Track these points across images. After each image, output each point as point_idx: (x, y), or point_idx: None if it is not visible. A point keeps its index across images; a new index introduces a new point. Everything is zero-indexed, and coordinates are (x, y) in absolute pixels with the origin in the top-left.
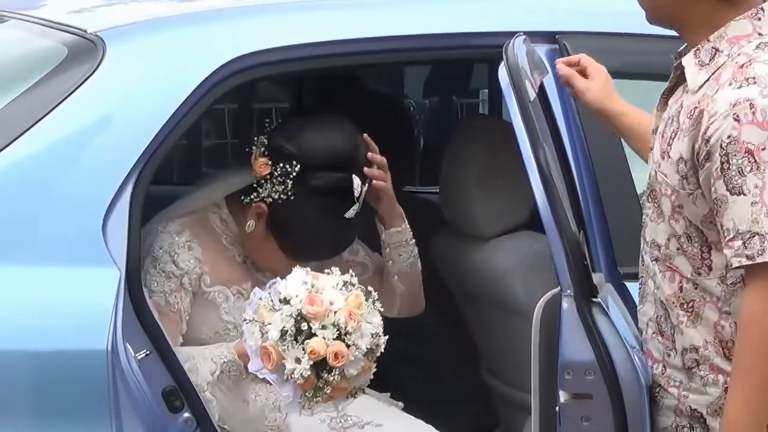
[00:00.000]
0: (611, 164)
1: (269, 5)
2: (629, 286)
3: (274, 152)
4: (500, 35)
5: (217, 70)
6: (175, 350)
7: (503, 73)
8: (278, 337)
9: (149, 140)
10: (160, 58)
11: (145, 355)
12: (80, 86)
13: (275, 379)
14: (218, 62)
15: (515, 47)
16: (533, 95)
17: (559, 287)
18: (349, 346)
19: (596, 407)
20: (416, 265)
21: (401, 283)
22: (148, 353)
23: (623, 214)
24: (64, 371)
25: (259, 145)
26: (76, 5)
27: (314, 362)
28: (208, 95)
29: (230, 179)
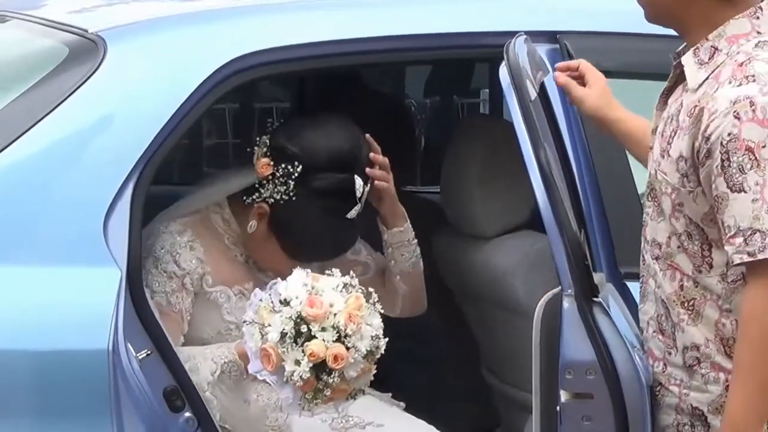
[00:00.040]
0: (612, 164)
1: (270, 5)
2: (630, 285)
3: (276, 152)
4: (501, 35)
5: (218, 69)
6: (176, 350)
7: (504, 72)
8: (278, 338)
9: (150, 140)
10: (161, 57)
11: (146, 354)
12: (81, 86)
13: (275, 380)
14: (219, 62)
15: (516, 47)
16: (534, 95)
17: (559, 287)
18: (348, 348)
19: (597, 407)
20: (418, 265)
21: (403, 283)
22: (149, 353)
23: (624, 213)
24: (65, 371)
25: (261, 145)
26: (77, 5)
27: (314, 364)
28: (209, 95)
29: (232, 179)
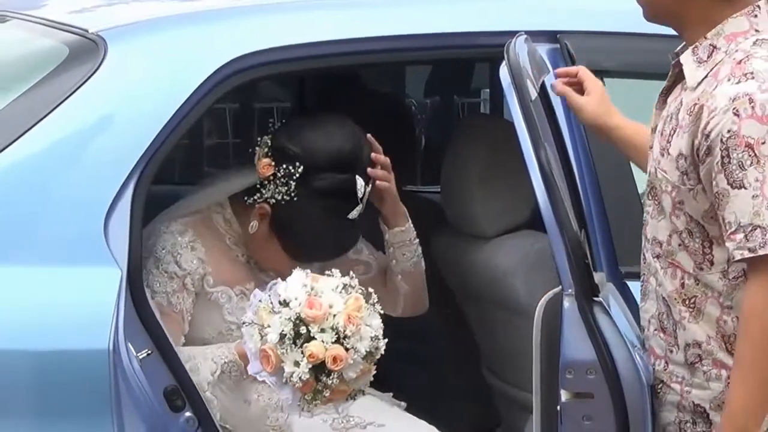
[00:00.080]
0: (612, 163)
1: (270, 5)
2: (630, 285)
3: (277, 153)
4: (501, 35)
5: (218, 69)
6: (176, 350)
7: (504, 72)
8: (277, 340)
9: (150, 140)
10: (161, 57)
11: (146, 354)
12: (82, 86)
13: (274, 381)
14: (219, 62)
15: (516, 46)
16: (534, 94)
17: (560, 286)
18: (347, 349)
19: (597, 406)
20: (420, 264)
21: (405, 282)
22: (149, 353)
23: (624, 213)
24: (65, 371)
25: (262, 145)
26: (77, 5)
27: (313, 365)
28: (209, 95)
29: (233, 179)
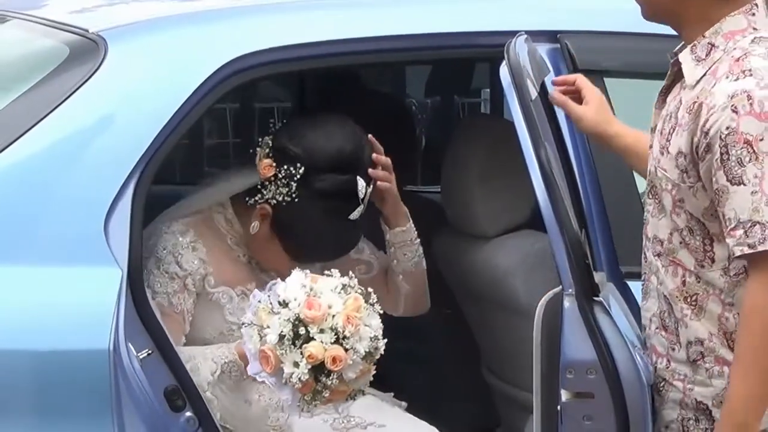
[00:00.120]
0: (612, 163)
1: (270, 5)
2: (631, 284)
3: (278, 154)
4: (501, 35)
5: (218, 69)
6: (176, 350)
7: (505, 72)
8: (276, 340)
9: (151, 140)
10: (161, 57)
11: (146, 354)
12: (82, 86)
13: (274, 382)
14: (220, 62)
15: (517, 46)
16: (534, 94)
17: (560, 286)
18: (347, 350)
19: (598, 406)
20: (421, 264)
21: (406, 282)
22: (150, 353)
23: (625, 212)
24: (65, 371)
25: (263, 146)
26: (77, 5)
27: (312, 366)
28: (209, 95)
29: (234, 179)
